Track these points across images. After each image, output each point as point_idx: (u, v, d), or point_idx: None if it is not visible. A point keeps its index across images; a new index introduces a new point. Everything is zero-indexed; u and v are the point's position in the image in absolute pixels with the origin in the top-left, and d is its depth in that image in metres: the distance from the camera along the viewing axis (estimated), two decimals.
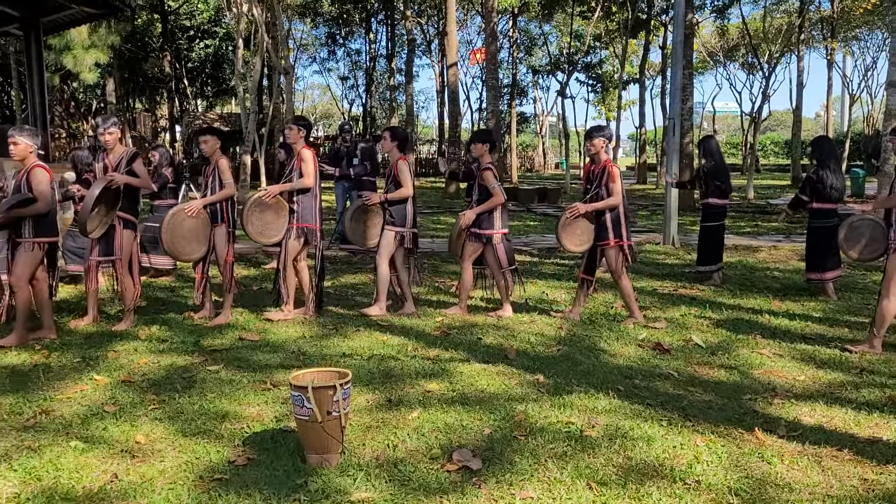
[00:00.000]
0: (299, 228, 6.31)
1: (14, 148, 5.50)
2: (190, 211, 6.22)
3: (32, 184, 5.46)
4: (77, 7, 11.70)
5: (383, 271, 6.50)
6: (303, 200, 6.32)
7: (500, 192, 6.34)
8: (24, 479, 3.38)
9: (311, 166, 6.26)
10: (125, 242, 6.08)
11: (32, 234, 5.54)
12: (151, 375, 4.86)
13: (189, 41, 35.52)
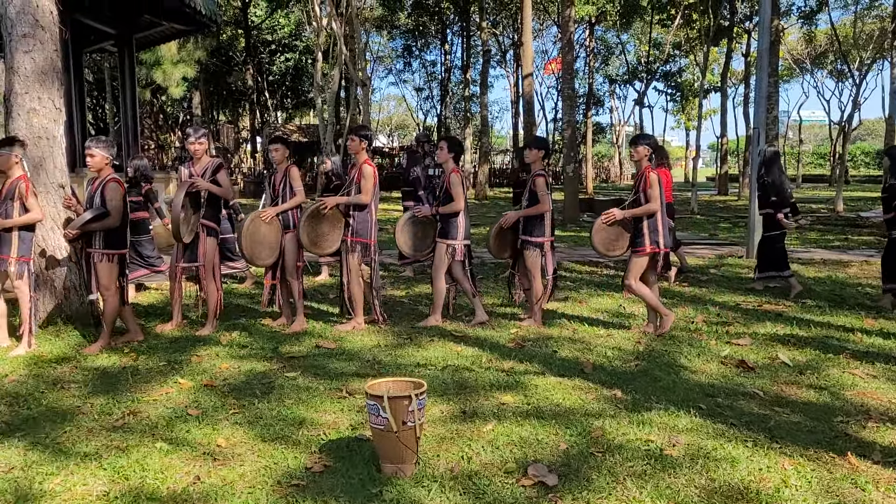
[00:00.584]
0: (353, 242, 6.36)
1: (91, 160, 5.73)
2: (265, 217, 6.37)
3: (106, 197, 5.68)
4: (167, 24, 12.22)
5: (439, 286, 6.54)
6: (358, 215, 6.35)
7: (548, 200, 6.38)
8: (112, 477, 3.51)
9: (370, 183, 6.27)
10: (208, 250, 6.26)
11: (102, 245, 5.76)
12: (232, 380, 4.98)
13: (271, 55, 36.59)
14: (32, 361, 5.44)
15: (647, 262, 6.06)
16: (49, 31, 6.28)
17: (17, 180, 5.66)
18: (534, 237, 6.42)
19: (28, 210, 5.66)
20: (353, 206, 6.32)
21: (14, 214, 5.62)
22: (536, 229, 6.41)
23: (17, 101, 6.21)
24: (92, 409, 4.45)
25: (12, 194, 5.61)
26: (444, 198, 6.44)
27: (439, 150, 6.57)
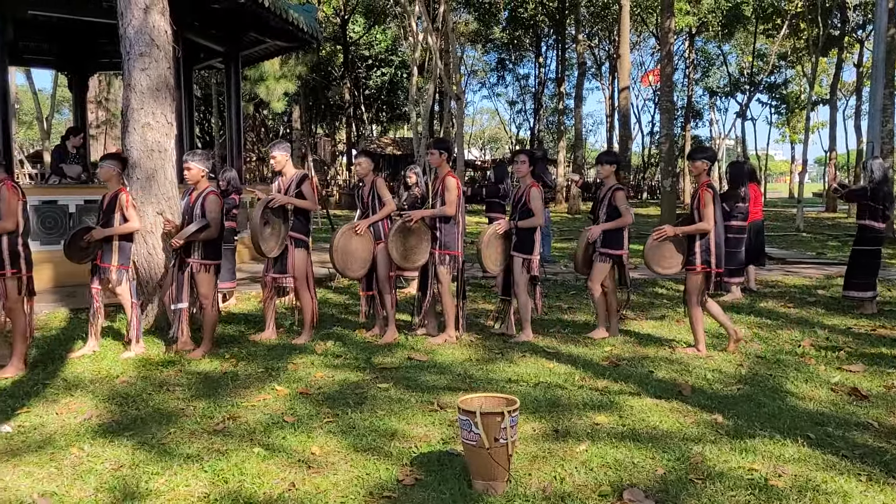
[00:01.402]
0: (441, 255, 6.39)
1: (188, 173, 5.96)
2: (358, 229, 6.47)
3: (207, 209, 5.90)
4: (271, 41, 12.68)
5: (524, 299, 6.50)
6: (445, 227, 6.38)
7: (629, 212, 6.37)
8: (212, 480, 3.62)
9: (454, 194, 6.28)
10: (298, 261, 6.38)
11: (201, 256, 5.97)
12: (326, 389, 5.07)
13: (367, 69, 37.44)
14: (141, 364, 5.71)
15: (702, 280, 5.96)
16: (163, 49, 6.62)
17: (118, 192, 5.94)
18: (612, 249, 6.41)
19: (127, 220, 5.93)
20: (439, 219, 6.36)
21: (115, 225, 5.90)
22: (615, 242, 6.41)
23: (133, 116, 6.56)
24: (194, 411, 4.62)
25: (113, 206, 5.89)
26: (523, 212, 6.43)
27: (520, 164, 6.55)
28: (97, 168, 6.08)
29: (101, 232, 5.88)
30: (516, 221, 6.44)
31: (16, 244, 5.42)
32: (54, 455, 3.92)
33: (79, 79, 14.55)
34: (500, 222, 6.60)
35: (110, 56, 13.86)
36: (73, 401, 4.83)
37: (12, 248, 5.40)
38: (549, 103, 41.60)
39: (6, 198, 5.33)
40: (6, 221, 5.33)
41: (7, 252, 5.37)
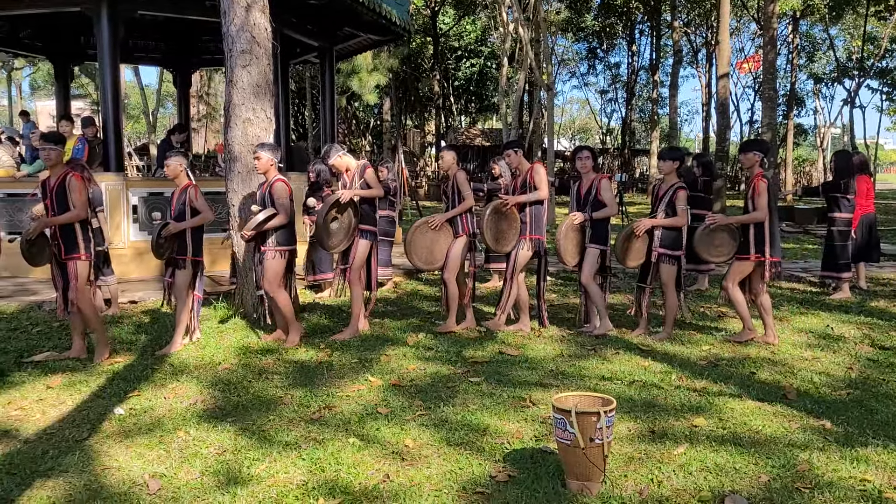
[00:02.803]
0: (532, 240, 6.46)
1: (258, 162, 6.09)
2: (432, 223, 6.49)
3: (274, 197, 6.00)
4: (364, 35, 12.86)
5: (594, 290, 6.47)
6: (534, 212, 6.44)
7: (686, 214, 6.24)
8: (310, 468, 3.71)
9: (545, 180, 6.40)
10: (358, 251, 6.38)
11: (275, 243, 6.08)
12: (418, 382, 5.12)
13: (457, 61, 37.48)
14: (241, 352, 5.91)
15: (749, 269, 6.05)
16: (264, 46, 6.81)
17: (187, 187, 6.07)
18: (672, 250, 6.25)
19: (199, 212, 6.01)
20: (530, 203, 6.41)
21: (186, 218, 6.01)
22: (674, 242, 6.25)
23: (235, 112, 6.79)
24: (292, 400, 4.75)
25: (184, 200, 6.03)
26: (595, 203, 6.38)
27: (584, 159, 6.52)
28: (164, 166, 6.20)
29: (175, 226, 5.98)
30: (590, 213, 6.37)
31: (87, 230, 5.72)
32: (163, 438, 4.11)
33: (182, 75, 15.19)
34: (575, 213, 6.51)
35: (212, 53, 14.44)
36: (179, 386, 5.06)
37: (85, 235, 5.70)
38: (641, 92, 40.58)
39: (77, 188, 5.59)
40: (79, 210, 5.60)
41: (81, 238, 5.66)
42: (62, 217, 5.58)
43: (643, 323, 6.47)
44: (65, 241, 5.64)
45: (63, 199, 5.58)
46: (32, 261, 5.83)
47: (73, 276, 5.62)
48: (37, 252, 5.79)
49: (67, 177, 5.60)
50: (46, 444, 4.03)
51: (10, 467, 3.70)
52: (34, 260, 5.83)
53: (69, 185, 5.58)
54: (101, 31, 9.36)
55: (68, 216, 5.58)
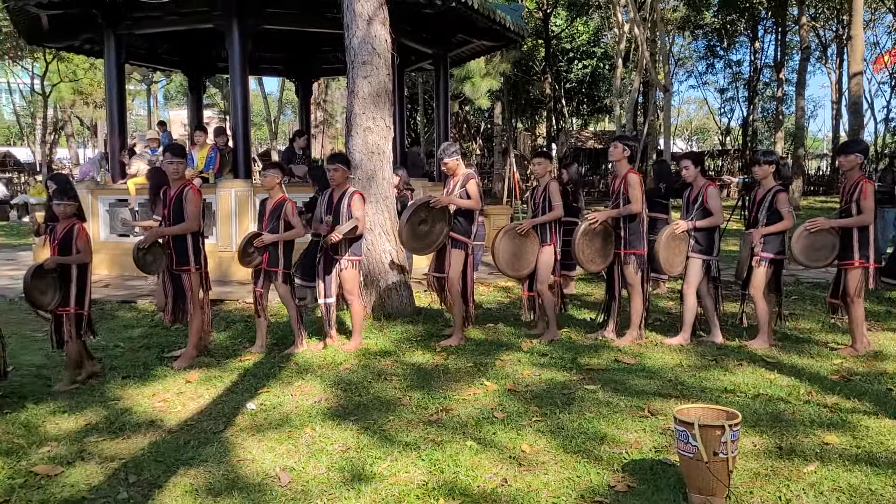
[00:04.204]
0: (626, 255, 6.26)
1: (335, 174, 6.16)
2: (519, 229, 6.46)
3: (353, 209, 6.11)
4: (478, 41, 12.99)
5: (690, 302, 6.27)
6: (630, 226, 6.24)
7: (791, 216, 6.06)
8: (430, 469, 3.81)
9: (638, 191, 6.14)
10: (454, 262, 6.36)
11: (351, 253, 6.18)
12: (534, 387, 5.14)
13: (568, 63, 37.09)
14: (361, 353, 6.12)
15: (861, 276, 5.79)
16: (383, 57, 7.03)
17: (281, 200, 6.19)
18: (768, 253, 6.05)
19: (292, 227, 6.15)
20: (623, 218, 6.24)
21: (280, 231, 6.12)
22: (771, 244, 6.04)
23: (356, 121, 7.04)
24: (410, 401, 4.88)
25: (278, 213, 6.15)
26: (700, 212, 6.17)
27: (685, 168, 6.33)
28: (261, 177, 6.31)
29: (269, 237, 6.10)
30: (695, 221, 6.17)
31: (198, 242, 5.85)
32: (291, 433, 4.33)
33: (304, 84, 15.85)
34: (678, 223, 6.29)
35: (331, 62, 14.99)
36: (305, 384, 5.30)
37: (195, 246, 5.81)
38: (764, 91, 38.79)
39: (193, 200, 5.74)
40: (192, 222, 5.72)
41: (191, 250, 5.78)
42: (175, 228, 5.70)
43: (763, 332, 6.23)
44: (177, 252, 5.75)
45: (180, 211, 5.70)
46: (146, 269, 5.87)
47: (188, 288, 5.78)
48: (151, 261, 5.87)
49: (185, 189, 5.72)
50: (187, 434, 4.33)
51: (157, 455, 4.01)
52: (148, 268, 5.86)
53: (185, 196, 5.69)
54: (232, 45, 9.92)
55: (181, 227, 5.68)
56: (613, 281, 6.48)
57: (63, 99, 34.45)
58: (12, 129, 52.77)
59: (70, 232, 5.29)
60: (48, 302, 5.23)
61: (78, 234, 5.29)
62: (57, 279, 5.27)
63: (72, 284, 5.32)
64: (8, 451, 4.06)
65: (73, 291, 5.32)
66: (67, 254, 5.27)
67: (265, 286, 6.23)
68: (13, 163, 35.72)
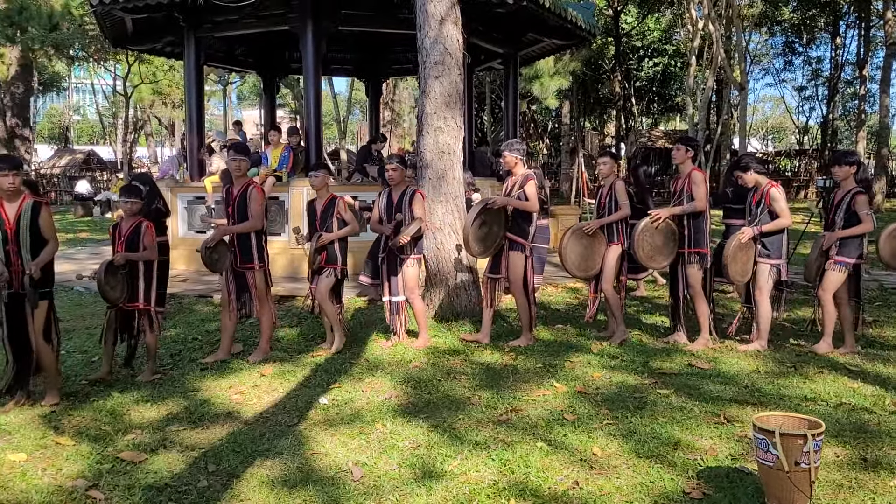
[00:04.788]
0: (690, 254, 6.15)
1: (395, 173, 6.21)
2: (587, 228, 6.38)
3: (415, 208, 6.16)
4: (548, 40, 12.90)
5: (764, 308, 6.09)
6: (693, 223, 6.13)
7: (870, 219, 5.86)
8: (500, 469, 3.81)
9: (702, 189, 6.06)
10: (512, 263, 6.31)
11: (414, 251, 6.22)
12: (604, 390, 5.08)
13: (639, 60, 36.47)
14: (430, 351, 6.16)
15: None
16: (455, 57, 7.05)
17: (331, 199, 6.21)
18: (843, 257, 5.90)
19: (346, 223, 6.20)
20: (688, 215, 6.13)
21: (334, 229, 6.18)
22: (848, 248, 5.89)
23: (427, 121, 7.09)
24: (480, 401, 4.89)
25: (331, 211, 6.19)
26: (766, 215, 6.02)
27: (742, 176, 6.19)
28: (310, 178, 6.30)
29: (328, 237, 6.15)
30: (760, 226, 6.01)
31: (261, 240, 5.93)
32: (363, 428, 4.39)
33: (374, 84, 16.04)
34: (743, 231, 6.10)
35: (401, 63, 15.13)
36: (375, 381, 5.37)
37: (259, 244, 5.88)
38: (845, 88, 37.29)
39: (256, 198, 5.82)
40: (255, 221, 5.80)
41: (255, 248, 5.86)
42: (239, 226, 5.79)
43: (849, 340, 6.02)
44: (241, 250, 5.84)
45: (244, 209, 5.79)
46: (213, 267, 5.93)
47: (252, 285, 5.88)
48: (217, 258, 5.96)
49: (249, 188, 5.80)
50: (263, 427, 4.45)
51: (235, 445, 4.13)
52: (214, 266, 5.93)
53: (250, 195, 5.77)
54: (306, 47, 10.11)
55: (245, 226, 5.77)
56: (677, 283, 6.36)
57: (143, 99, 35.76)
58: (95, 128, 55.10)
59: (137, 229, 5.47)
60: (117, 297, 5.41)
61: (145, 231, 5.46)
62: (126, 275, 5.44)
63: (139, 280, 5.50)
64: (96, 438, 4.25)
65: (141, 287, 5.50)
66: (135, 251, 5.44)
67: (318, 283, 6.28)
68: (96, 161, 37.24)
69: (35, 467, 3.82)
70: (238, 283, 5.95)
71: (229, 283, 6.01)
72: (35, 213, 4.68)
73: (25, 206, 4.67)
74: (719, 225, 8.73)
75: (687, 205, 6.10)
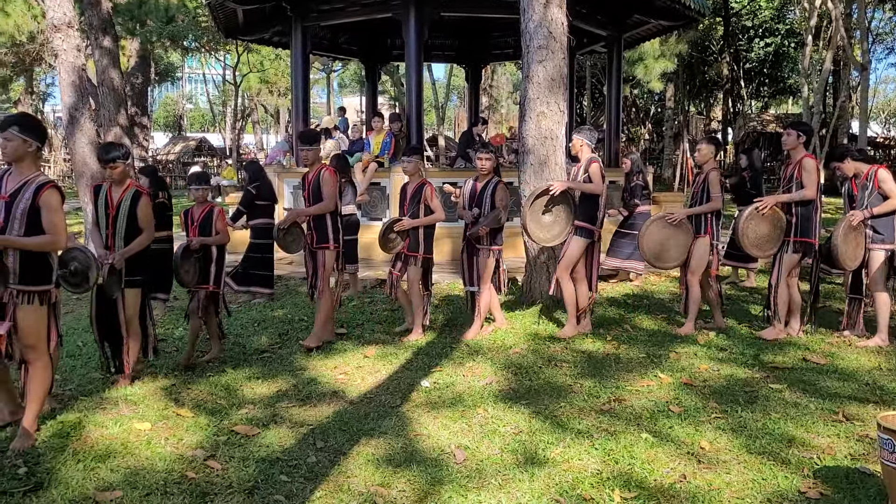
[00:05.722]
0: (796, 242, 5.88)
1: (488, 164, 6.12)
2: (671, 218, 6.16)
3: (497, 198, 6.09)
4: (655, 22, 12.52)
5: (883, 299, 5.79)
6: (802, 213, 5.85)
7: None
8: (603, 458, 3.76)
9: (813, 176, 5.76)
10: (570, 248, 6.17)
11: (489, 242, 6.14)
12: (712, 382, 4.92)
13: (748, 41, 34.88)
14: (530, 337, 6.14)
15: None
16: (559, 41, 6.95)
17: (420, 184, 6.18)
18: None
19: (433, 211, 6.16)
20: (795, 204, 5.86)
21: (420, 216, 6.15)
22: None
23: (530, 106, 7.02)
24: (581, 389, 4.84)
25: (418, 198, 6.16)
26: (875, 197, 5.75)
27: (841, 160, 5.90)
28: (402, 163, 6.28)
29: (409, 222, 6.13)
30: (871, 209, 5.70)
31: (336, 222, 5.98)
32: (464, 412, 4.43)
33: (473, 70, 16.03)
34: (853, 213, 5.78)
35: (501, 48, 15.06)
36: (476, 365, 5.40)
37: (334, 226, 5.93)
38: None
39: (329, 181, 5.86)
40: (329, 202, 5.84)
41: (331, 229, 5.91)
42: (313, 208, 5.84)
43: None
44: (317, 231, 5.90)
45: (318, 193, 5.84)
46: (287, 248, 6.08)
47: (322, 264, 5.92)
48: (291, 240, 6.06)
49: (322, 171, 5.86)
50: (367, 407, 4.56)
51: (341, 424, 4.25)
52: (288, 248, 6.09)
53: (322, 178, 5.82)
54: (409, 33, 10.21)
55: (318, 207, 5.81)
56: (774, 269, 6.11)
57: (250, 88, 37.11)
58: (206, 116, 57.65)
59: (209, 214, 5.60)
60: (190, 280, 5.50)
61: (217, 216, 5.59)
62: (199, 259, 5.55)
63: (212, 264, 5.60)
64: (212, 411, 4.47)
65: (212, 270, 5.59)
66: (207, 235, 5.56)
67: (402, 270, 6.28)
68: (208, 147, 38.99)
69: (158, 436, 4.05)
70: (315, 264, 6.01)
71: (307, 265, 6.13)
72: (134, 202, 4.80)
73: (127, 194, 4.80)
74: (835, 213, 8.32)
75: (795, 193, 5.85)
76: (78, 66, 9.46)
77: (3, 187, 3.92)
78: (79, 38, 9.67)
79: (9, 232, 3.85)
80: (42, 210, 3.88)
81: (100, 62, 10.54)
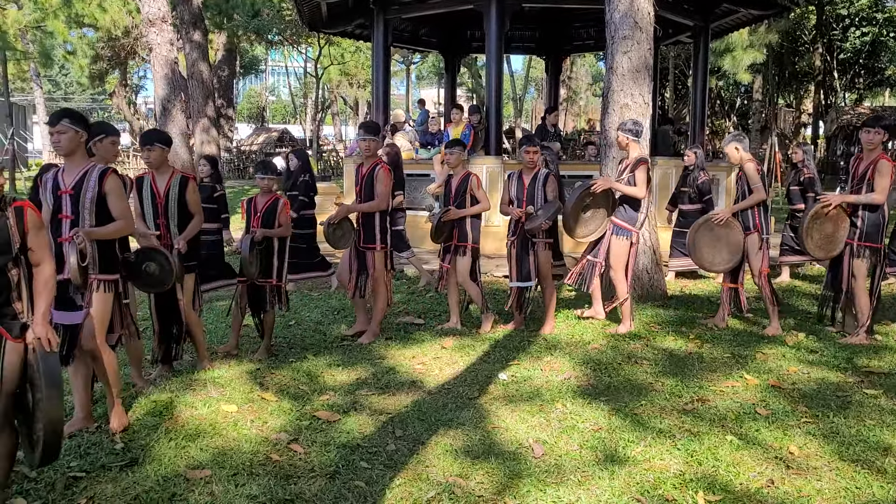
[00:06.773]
0: (860, 247, 5.63)
1: (533, 156, 6.00)
2: (717, 219, 5.99)
3: (548, 191, 5.99)
4: (744, 10, 12.08)
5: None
6: (869, 216, 5.57)
7: None
8: (686, 459, 3.68)
9: (886, 180, 5.43)
10: (614, 248, 6.04)
11: (545, 235, 6.00)
12: (801, 385, 4.74)
13: (843, 30, 33.29)
14: (609, 334, 6.05)
15: None
16: (645, 31, 6.80)
17: (466, 175, 6.10)
18: None
19: (478, 201, 6.07)
20: (863, 206, 5.57)
21: (466, 206, 6.07)
22: None
23: (613, 98, 6.90)
24: (663, 387, 4.74)
25: (464, 188, 6.07)
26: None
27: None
28: (445, 153, 6.22)
29: (456, 213, 6.06)
30: None
31: (385, 221, 5.82)
32: (542, 406, 4.40)
33: (554, 61, 15.85)
34: None
35: (582, 39, 14.83)
36: (554, 360, 5.36)
37: (383, 225, 5.80)
38: None
39: (383, 179, 5.68)
40: (381, 200, 5.67)
41: (378, 228, 5.78)
42: (364, 205, 5.73)
43: None
44: (365, 229, 5.80)
45: (371, 189, 5.71)
46: (335, 244, 5.94)
47: (371, 265, 5.81)
48: (340, 235, 5.92)
49: (377, 168, 5.71)
50: (445, 397, 4.58)
51: (420, 413, 4.29)
52: (337, 243, 5.94)
53: (377, 175, 5.68)
54: (490, 25, 10.16)
55: (370, 205, 5.69)
56: (840, 274, 5.84)
57: (331, 80, 37.75)
58: (288, 108, 58.95)
59: (274, 206, 5.47)
60: (253, 273, 5.33)
61: (281, 209, 5.47)
62: (262, 251, 5.42)
63: (274, 257, 5.47)
64: (295, 396, 4.58)
65: (275, 264, 5.48)
66: (270, 227, 5.42)
67: (452, 262, 6.21)
68: (289, 139, 39.90)
69: (244, 419, 4.18)
70: (360, 262, 5.92)
71: (351, 262, 6.04)
72: (182, 188, 4.81)
73: (174, 181, 4.80)
74: None
75: (863, 195, 5.57)
76: (171, 60, 9.82)
77: (61, 184, 3.92)
78: (172, 33, 10.04)
79: (81, 224, 3.88)
80: (109, 196, 3.92)
81: (190, 55, 10.92)
